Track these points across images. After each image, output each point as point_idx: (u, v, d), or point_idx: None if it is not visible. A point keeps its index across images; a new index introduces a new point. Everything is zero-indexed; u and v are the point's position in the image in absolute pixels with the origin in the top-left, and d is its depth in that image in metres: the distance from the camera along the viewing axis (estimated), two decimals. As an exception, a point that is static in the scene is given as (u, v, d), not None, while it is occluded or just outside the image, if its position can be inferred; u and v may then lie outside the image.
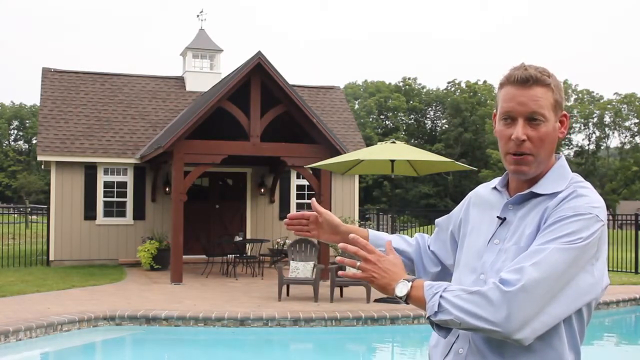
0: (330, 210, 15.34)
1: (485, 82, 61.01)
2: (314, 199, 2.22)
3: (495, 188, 2.00)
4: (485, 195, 2.03)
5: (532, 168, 1.84)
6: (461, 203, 2.15)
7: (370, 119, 62.14)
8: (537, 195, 1.85)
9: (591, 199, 1.79)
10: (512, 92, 1.83)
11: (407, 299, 1.81)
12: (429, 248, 2.21)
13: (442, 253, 2.17)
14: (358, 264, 1.86)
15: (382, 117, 63.96)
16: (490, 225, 1.93)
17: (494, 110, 1.96)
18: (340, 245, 1.98)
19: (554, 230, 1.73)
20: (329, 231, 2.24)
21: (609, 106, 50.94)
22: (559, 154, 1.93)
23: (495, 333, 1.68)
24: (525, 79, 1.81)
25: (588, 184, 1.86)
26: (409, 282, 1.81)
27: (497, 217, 1.91)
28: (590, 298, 1.76)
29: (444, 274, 2.17)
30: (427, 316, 1.78)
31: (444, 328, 1.78)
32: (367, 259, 1.84)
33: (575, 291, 1.71)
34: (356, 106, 62.21)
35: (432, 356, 2.02)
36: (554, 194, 1.82)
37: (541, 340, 1.75)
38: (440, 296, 1.74)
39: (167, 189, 17.04)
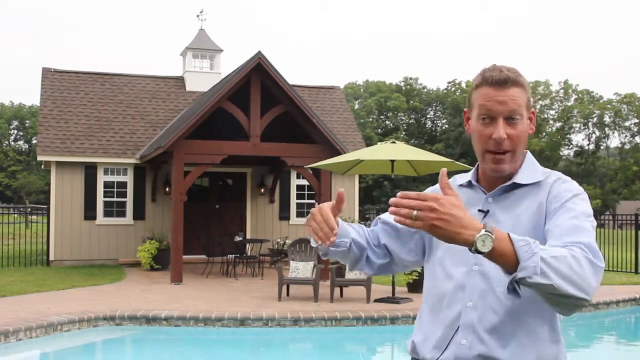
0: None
1: (485, 82, 60.89)
2: (342, 189, 1.95)
3: (469, 183, 2.04)
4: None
5: (510, 165, 1.94)
6: None
7: (370, 119, 62.07)
8: (519, 185, 1.95)
9: (575, 183, 1.97)
10: (491, 92, 1.90)
11: (488, 253, 1.61)
12: (378, 241, 2.11)
13: (396, 247, 2.10)
14: (414, 213, 1.61)
15: (382, 117, 63.91)
16: None
17: (465, 109, 2.03)
18: (392, 200, 1.67)
19: (572, 209, 1.84)
20: None
21: (608, 106, 50.96)
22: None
23: (581, 300, 1.64)
24: (504, 80, 1.89)
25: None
26: (492, 233, 1.60)
27: (479, 210, 1.96)
28: None
29: (390, 264, 2.13)
30: (518, 277, 1.59)
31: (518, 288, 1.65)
32: (426, 205, 1.61)
33: None
34: (356, 106, 62.14)
35: (420, 351, 1.99)
36: (537, 183, 1.95)
37: (544, 323, 1.87)
38: (540, 257, 1.59)
39: (167, 189, 17.05)
